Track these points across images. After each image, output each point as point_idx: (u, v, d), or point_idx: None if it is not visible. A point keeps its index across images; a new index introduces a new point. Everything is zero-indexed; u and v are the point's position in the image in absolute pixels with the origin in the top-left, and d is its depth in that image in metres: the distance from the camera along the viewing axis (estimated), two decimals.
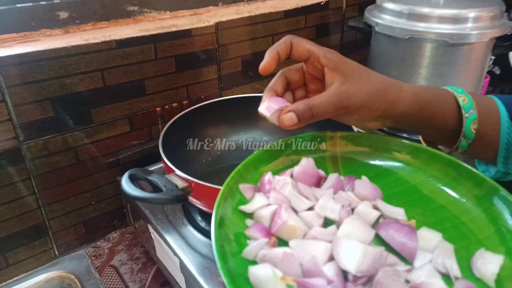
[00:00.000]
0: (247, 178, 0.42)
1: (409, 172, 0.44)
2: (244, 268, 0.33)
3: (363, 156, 0.47)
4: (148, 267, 0.70)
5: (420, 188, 0.43)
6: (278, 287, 0.31)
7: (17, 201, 0.65)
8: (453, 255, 0.35)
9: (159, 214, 0.62)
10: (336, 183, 0.42)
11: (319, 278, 0.31)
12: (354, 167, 0.46)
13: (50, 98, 0.63)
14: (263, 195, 0.39)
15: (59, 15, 0.67)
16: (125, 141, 0.73)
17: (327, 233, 0.36)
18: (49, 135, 0.64)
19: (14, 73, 0.58)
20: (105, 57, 0.66)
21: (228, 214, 0.38)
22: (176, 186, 0.51)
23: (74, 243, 0.74)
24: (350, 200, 0.40)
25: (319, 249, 0.34)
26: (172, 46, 0.73)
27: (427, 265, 0.34)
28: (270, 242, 0.35)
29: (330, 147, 0.47)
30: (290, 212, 0.37)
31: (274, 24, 0.86)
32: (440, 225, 0.39)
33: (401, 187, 0.43)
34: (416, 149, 0.45)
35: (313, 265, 0.32)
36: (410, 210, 0.40)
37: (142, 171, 0.53)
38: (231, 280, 0.31)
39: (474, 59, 0.75)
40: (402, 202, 0.41)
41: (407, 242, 0.36)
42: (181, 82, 0.77)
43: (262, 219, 0.38)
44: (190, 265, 0.53)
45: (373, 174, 0.44)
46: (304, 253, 0.34)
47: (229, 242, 0.35)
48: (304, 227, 0.36)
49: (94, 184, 0.72)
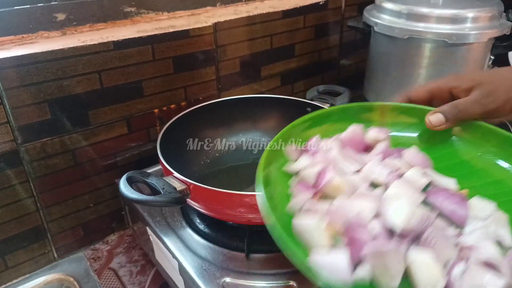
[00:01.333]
0: (292, 140, 0.42)
1: (463, 146, 0.43)
2: (289, 223, 0.33)
3: (413, 128, 0.45)
4: (147, 269, 0.70)
5: (474, 163, 0.42)
6: (322, 237, 0.31)
7: (16, 204, 0.64)
8: (506, 224, 0.34)
9: (158, 217, 0.62)
10: (385, 151, 0.41)
11: (365, 231, 0.31)
12: (404, 139, 0.45)
13: (48, 100, 0.62)
14: (309, 157, 0.39)
15: (56, 17, 0.67)
16: (123, 143, 0.73)
17: (374, 193, 0.35)
18: (47, 138, 0.64)
19: (11, 76, 0.58)
20: (102, 59, 0.65)
21: (273, 175, 0.38)
22: (175, 188, 0.51)
23: (72, 245, 0.73)
24: (398, 167, 0.38)
25: (365, 207, 0.33)
26: (170, 47, 0.72)
27: (478, 231, 0.33)
28: (315, 198, 0.35)
29: (379, 118, 0.46)
30: (336, 171, 0.36)
31: (272, 24, 0.86)
32: (495, 198, 0.37)
33: (454, 161, 0.42)
34: (470, 124, 0.44)
35: (358, 220, 0.32)
36: (462, 182, 0.38)
37: (140, 173, 0.53)
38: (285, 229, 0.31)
39: (473, 59, 0.75)
40: (454, 175, 0.39)
41: (457, 209, 0.34)
42: (179, 83, 0.76)
43: (307, 179, 0.37)
44: (189, 268, 0.53)
45: (424, 147, 0.43)
46: (349, 209, 0.33)
47: (273, 200, 0.35)
48: (350, 188, 0.35)
49: (92, 186, 0.72)
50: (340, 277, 0.29)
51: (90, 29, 0.70)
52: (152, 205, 0.61)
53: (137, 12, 0.76)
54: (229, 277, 0.51)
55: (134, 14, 0.75)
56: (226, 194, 0.49)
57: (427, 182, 0.37)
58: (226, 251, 0.55)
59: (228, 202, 0.51)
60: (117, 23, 0.74)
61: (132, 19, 0.75)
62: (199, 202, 0.53)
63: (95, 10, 0.70)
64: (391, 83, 0.80)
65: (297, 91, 1.00)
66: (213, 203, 0.53)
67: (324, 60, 1.01)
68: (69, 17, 0.68)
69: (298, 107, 0.73)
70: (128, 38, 0.67)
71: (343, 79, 1.09)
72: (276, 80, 0.93)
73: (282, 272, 0.52)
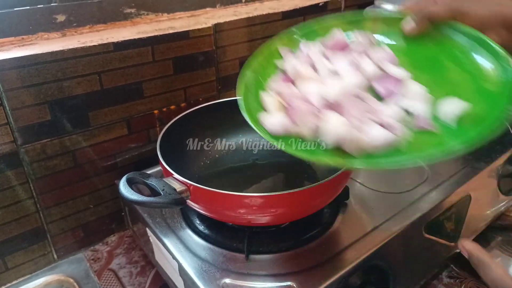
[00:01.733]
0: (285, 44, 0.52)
1: (435, 45, 0.47)
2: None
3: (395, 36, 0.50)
4: (147, 270, 0.70)
5: (441, 58, 0.46)
6: (273, 106, 0.45)
7: (16, 205, 0.64)
8: (426, 102, 0.42)
9: (158, 218, 0.62)
10: (359, 49, 0.48)
11: (302, 101, 0.44)
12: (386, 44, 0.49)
13: (48, 101, 0.62)
14: (295, 57, 0.50)
15: (56, 19, 0.67)
16: (123, 144, 0.73)
17: (324, 78, 0.46)
18: (47, 139, 0.64)
19: (11, 77, 0.58)
20: (102, 60, 0.66)
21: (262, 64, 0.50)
22: (175, 189, 0.51)
23: (72, 246, 0.73)
24: (358, 60, 0.47)
25: (311, 86, 0.45)
26: (170, 48, 0.72)
27: (396, 103, 0.43)
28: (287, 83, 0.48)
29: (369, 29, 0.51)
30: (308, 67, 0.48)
31: (272, 26, 0.86)
32: (438, 87, 0.44)
33: (420, 56, 0.47)
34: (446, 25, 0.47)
35: (298, 95, 0.45)
36: (420, 76, 0.45)
37: (140, 174, 0.53)
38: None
39: None
40: (416, 70, 0.45)
41: (389, 86, 0.44)
42: (179, 84, 0.76)
43: (287, 71, 0.48)
44: (189, 269, 0.53)
45: (402, 50, 0.48)
46: (298, 89, 0.46)
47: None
48: (315, 77, 0.46)
49: (92, 187, 0.72)
50: (274, 130, 0.42)
51: (90, 30, 0.70)
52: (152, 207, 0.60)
53: (137, 13, 0.76)
54: (229, 278, 0.51)
55: (134, 15, 0.75)
56: (226, 195, 0.49)
57: (375, 71, 0.45)
58: (226, 252, 0.55)
59: (228, 203, 0.51)
60: (117, 24, 0.74)
61: (132, 20, 0.75)
62: (199, 203, 0.53)
63: (95, 12, 0.70)
64: None
65: None
66: (213, 204, 0.53)
67: None
68: (69, 19, 0.68)
69: None
70: (128, 39, 0.67)
71: None
72: None
73: (282, 273, 0.52)
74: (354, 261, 0.53)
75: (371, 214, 0.61)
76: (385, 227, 0.58)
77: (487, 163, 0.73)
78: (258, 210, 0.50)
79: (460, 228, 0.71)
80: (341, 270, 0.51)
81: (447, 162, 0.74)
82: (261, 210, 0.51)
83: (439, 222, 0.65)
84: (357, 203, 0.64)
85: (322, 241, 0.57)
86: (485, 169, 0.71)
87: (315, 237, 0.57)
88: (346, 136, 0.40)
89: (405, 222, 0.59)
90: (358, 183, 0.69)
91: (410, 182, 0.68)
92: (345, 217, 0.61)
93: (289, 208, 0.52)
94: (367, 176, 0.70)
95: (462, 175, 0.70)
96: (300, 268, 0.52)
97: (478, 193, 0.71)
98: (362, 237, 0.57)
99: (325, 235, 0.58)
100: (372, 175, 0.71)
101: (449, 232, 0.68)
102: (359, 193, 0.66)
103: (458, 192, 0.66)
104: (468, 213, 0.71)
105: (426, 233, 0.63)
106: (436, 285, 0.69)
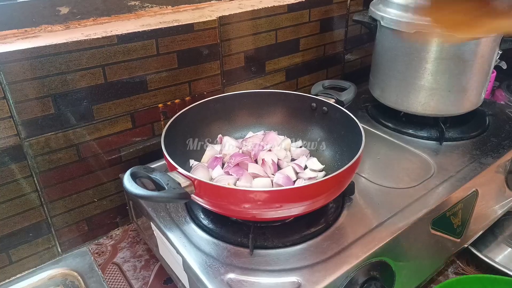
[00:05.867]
0: None
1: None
2: None
3: None
4: (151, 264, 0.69)
5: None
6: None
7: (20, 199, 0.64)
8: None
9: (162, 212, 0.62)
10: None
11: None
12: None
13: (52, 94, 0.62)
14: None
15: (59, 11, 0.66)
16: (127, 138, 0.73)
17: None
18: (50, 132, 0.64)
19: (15, 70, 0.58)
20: (106, 53, 0.65)
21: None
22: (179, 184, 0.50)
23: (77, 240, 0.73)
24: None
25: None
26: (174, 42, 0.72)
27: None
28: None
29: None
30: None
31: (277, 19, 0.85)
32: None
33: None
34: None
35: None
36: None
37: (144, 168, 0.52)
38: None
39: (481, 54, 0.74)
40: None
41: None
42: (183, 78, 0.76)
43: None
44: (193, 263, 0.53)
45: None
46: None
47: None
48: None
49: (97, 181, 0.72)
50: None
51: (94, 22, 0.70)
52: (156, 201, 0.60)
53: (141, 6, 0.75)
54: (233, 273, 0.51)
55: (138, 8, 0.75)
56: (230, 190, 0.49)
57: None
58: (231, 247, 0.55)
59: (233, 198, 0.51)
60: (121, 17, 0.73)
61: (136, 13, 0.75)
62: (203, 198, 0.53)
63: (98, 4, 0.70)
64: (397, 78, 0.79)
65: (302, 86, 0.99)
66: (217, 199, 0.52)
67: (329, 54, 1.00)
68: (73, 11, 0.67)
69: (303, 102, 0.72)
70: (132, 32, 0.66)
71: (348, 74, 1.08)
72: (281, 74, 0.93)
73: (287, 269, 0.51)
74: (359, 257, 0.52)
75: (377, 210, 0.61)
76: (391, 223, 0.58)
77: (494, 158, 0.72)
78: (263, 205, 0.50)
79: (467, 223, 0.70)
80: (346, 265, 0.51)
81: (454, 157, 0.73)
82: (266, 205, 0.50)
83: (445, 218, 0.64)
84: (363, 198, 0.63)
85: (327, 236, 0.56)
86: (492, 165, 0.70)
87: (320, 232, 0.57)
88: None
89: (411, 218, 0.59)
90: (364, 178, 0.68)
91: (416, 178, 0.67)
92: (350, 213, 0.60)
93: (294, 203, 0.51)
94: (372, 171, 0.70)
95: (469, 170, 0.69)
96: (305, 264, 0.52)
97: (485, 189, 0.70)
98: (368, 233, 0.56)
99: (330, 231, 0.57)
100: (378, 170, 0.70)
101: (456, 228, 0.68)
102: (365, 189, 0.66)
103: (465, 188, 0.66)
104: (475, 208, 0.70)
105: (432, 229, 0.62)
106: (442, 281, 0.68)
